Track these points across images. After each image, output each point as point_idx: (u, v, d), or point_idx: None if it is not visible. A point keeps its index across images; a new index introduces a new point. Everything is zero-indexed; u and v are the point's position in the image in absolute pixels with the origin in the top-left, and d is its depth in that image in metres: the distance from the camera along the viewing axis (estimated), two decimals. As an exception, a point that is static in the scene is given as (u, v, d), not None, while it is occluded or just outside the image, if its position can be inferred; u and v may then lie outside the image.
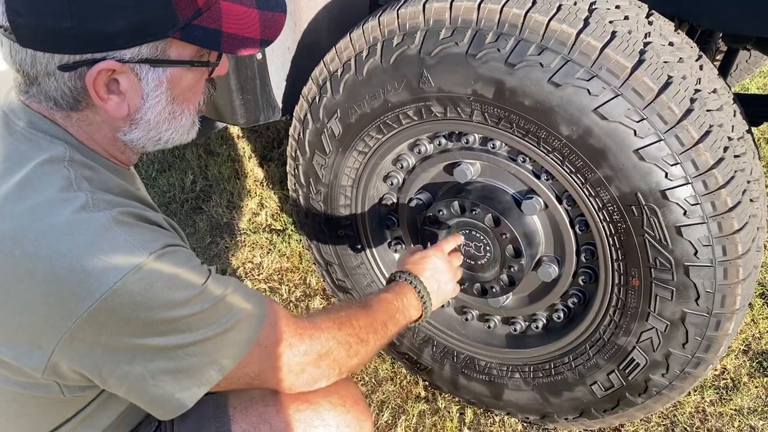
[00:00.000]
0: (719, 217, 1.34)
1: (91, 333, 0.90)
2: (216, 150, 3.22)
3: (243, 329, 1.04)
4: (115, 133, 1.03)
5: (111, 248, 0.90)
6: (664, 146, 1.31)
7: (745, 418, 1.93)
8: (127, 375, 0.96)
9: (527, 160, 1.53)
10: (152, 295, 0.91)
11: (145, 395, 0.99)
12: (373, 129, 1.67)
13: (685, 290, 1.41)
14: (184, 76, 1.02)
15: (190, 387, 1.00)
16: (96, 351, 0.92)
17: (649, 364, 1.54)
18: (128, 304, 0.90)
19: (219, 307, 1.00)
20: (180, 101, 1.04)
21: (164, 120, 1.04)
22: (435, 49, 1.46)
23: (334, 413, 1.21)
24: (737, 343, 2.15)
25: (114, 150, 1.07)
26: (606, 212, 1.43)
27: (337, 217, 1.90)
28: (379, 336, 1.27)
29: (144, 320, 0.92)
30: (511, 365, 1.81)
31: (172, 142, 1.09)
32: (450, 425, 1.94)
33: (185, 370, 0.98)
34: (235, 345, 1.03)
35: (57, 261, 0.88)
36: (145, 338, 0.93)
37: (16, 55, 0.94)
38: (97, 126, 1.02)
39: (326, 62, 1.68)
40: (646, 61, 1.33)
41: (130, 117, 1.01)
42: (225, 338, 1.01)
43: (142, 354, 0.95)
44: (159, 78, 0.99)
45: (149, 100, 1.00)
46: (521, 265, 1.62)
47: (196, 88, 1.07)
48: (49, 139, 0.99)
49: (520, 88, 1.38)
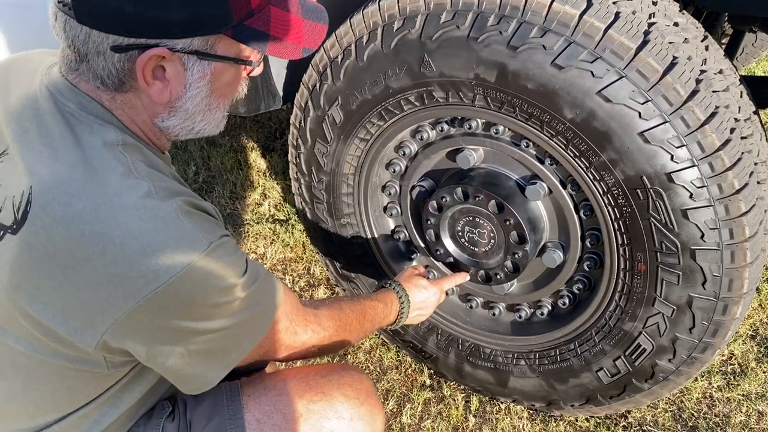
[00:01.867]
0: (726, 199, 1.32)
1: (148, 314, 0.95)
2: (218, 141, 3.21)
3: (266, 315, 1.11)
4: (153, 118, 1.06)
5: (179, 236, 0.95)
6: (669, 128, 1.29)
7: (752, 403, 1.92)
8: (169, 354, 1.01)
9: (531, 144, 1.52)
10: (209, 282, 0.97)
11: (178, 372, 1.05)
12: (374, 116, 1.66)
13: (691, 274, 1.39)
14: (226, 72, 1.06)
15: (216, 367, 1.07)
16: (147, 331, 0.98)
17: (656, 349, 1.52)
18: (189, 290, 0.95)
19: (253, 293, 1.06)
20: (217, 95, 1.08)
21: (201, 111, 1.08)
22: (436, 33, 1.44)
23: (348, 405, 1.23)
24: (745, 328, 2.13)
25: (152, 135, 1.10)
26: (611, 196, 1.41)
27: (340, 205, 1.89)
28: (360, 335, 1.40)
29: (198, 305, 0.98)
30: (517, 352, 1.80)
31: (203, 133, 1.13)
32: (455, 413, 1.94)
33: (216, 351, 1.05)
34: (257, 329, 1.10)
35: (128, 242, 0.92)
36: (194, 322, 0.99)
37: (70, 31, 0.96)
38: (138, 110, 1.05)
39: (326, 48, 1.67)
40: (650, 41, 1.31)
41: (171, 104, 1.05)
42: (252, 323, 1.08)
43: (187, 336, 1.00)
44: (204, 70, 1.02)
45: (190, 90, 1.04)
46: (525, 251, 1.60)
47: (234, 85, 1.11)
48: (99, 123, 1.01)
49: (522, 72, 1.37)
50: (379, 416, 1.28)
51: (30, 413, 1.08)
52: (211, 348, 1.05)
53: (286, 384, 1.23)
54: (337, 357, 2.12)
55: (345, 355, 2.13)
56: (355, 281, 2.02)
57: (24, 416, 1.08)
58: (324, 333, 1.26)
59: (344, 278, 2.05)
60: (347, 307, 1.37)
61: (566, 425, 1.88)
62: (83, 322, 0.96)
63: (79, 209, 0.93)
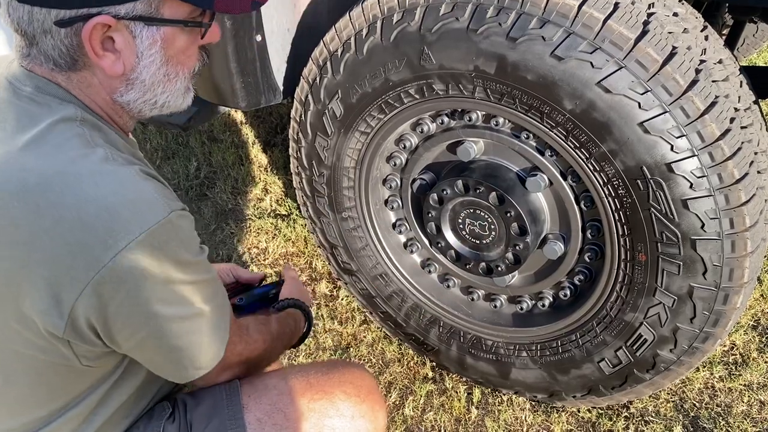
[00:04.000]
0: (726, 189, 1.32)
1: (112, 286, 0.92)
2: (219, 136, 3.22)
3: (226, 314, 1.08)
4: (112, 94, 1.04)
5: (138, 198, 0.93)
6: (669, 118, 1.29)
7: (754, 393, 1.92)
8: (136, 332, 0.98)
9: (531, 136, 1.52)
10: (169, 251, 0.94)
11: (147, 362, 1.04)
12: (374, 109, 1.66)
13: (692, 264, 1.40)
14: (178, 37, 1.03)
15: (188, 368, 1.04)
16: (113, 304, 0.94)
17: (657, 339, 1.53)
18: (150, 258, 0.92)
19: (208, 282, 1.04)
20: (174, 63, 1.05)
21: (159, 82, 1.05)
22: (435, 26, 1.44)
23: (349, 403, 1.22)
24: (746, 318, 2.13)
25: (114, 114, 1.08)
26: (611, 187, 1.41)
27: (341, 199, 1.89)
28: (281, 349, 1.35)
29: (160, 276, 0.94)
30: (518, 344, 1.81)
31: (168, 106, 1.10)
32: (458, 405, 1.94)
33: (184, 348, 1.02)
34: (222, 329, 1.07)
35: (83, 208, 0.90)
36: (160, 300, 0.96)
37: (14, 13, 0.95)
38: (95, 88, 1.03)
39: (326, 42, 1.67)
40: (649, 32, 1.31)
41: (126, 77, 1.02)
42: (218, 319, 1.05)
43: (155, 316, 0.97)
44: (153, 36, 1.00)
45: (144, 59, 1.01)
46: (526, 243, 1.61)
47: (190, 51, 1.08)
48: (58, 101, 1.00)
49: (522, 63, 1.37)
50: (381, 412, 1.26)
51: (13, 411, 1.06)
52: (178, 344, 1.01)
53: (287, 382, 1.22)
54: (339, 351, 2.13)
55: (347, 348, 2.14)
56: (357, 275, 2.02)
57: (7, 415, 1.06)
58: (253, 345, 1.21)
59: (346, 272, 2.06)
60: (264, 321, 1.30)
61: (568, 416, 1.89)
62: (50, 301, 0.92)
63: (33, 182, 0.92)
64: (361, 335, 2.18)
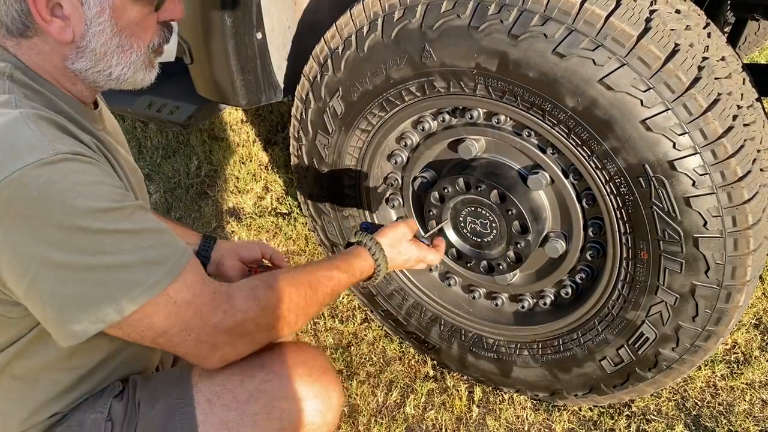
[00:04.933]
0: (729, 186, 1.32)
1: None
2: (220, 135, 3.21)
3: (151, 271, 0.98)
4: (64, 61, 1.06)
5: (17, 139, 0.92)
6: (671, 116, 1.29)
7: (756, 391, 1.92)
8: (21, 279, 0.94)
9: (532, 134, 1.51)
10: (51, 194, 0.90)
11: (38, 310, 0.97)
12: (375, 106, 1.65)
13: (694, 262, 1.39)
14: (129, 8, 1.05)
15: (82, 320, 0.96)
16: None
17: (659, 338, 1.52)
18: (24, 198, 0.90)
19: (128, 236, 0.97)
20: (128, 35, 1.07)
21: (112, 52, 1.06)
22: (437, 23, 1.44)
23: (300, 383, 1.18)
24: (748, 316, 2.13)
25: (65, 81, 1.09)
26: (613, 185, 1.41)
27: (342, 197, 1.89)
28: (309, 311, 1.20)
29: (39, 221, 0.91)
30: (520, 342, 1.80)
31: (125, 79, 1.10)
32: (459, 403, 1.94)
33: (78, 298, 0.94)
34: (139, 286, 0.97)
35: None
36: (40, 244, 0.91)
37: None
38: (46, 55, 1.05)
39: (327, 39, 1.66)
40: (652, 29, 1.30)
41: (76, 44, 1.04)
42: (126, 274, 0.96)
43: (37, 264, 0.92)
44: (101, 4, 1.02)
45: (92, 27, 1.03)
46: (528, 241, 1.60)
47: (145, 24, 1.09)
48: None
49: (524, 60, 1.36)
50: (335, 392, 1.22)
51: None
52: (70, 292, 0.94)
53: (239, 363, 1.15)
54: (340, 349, 2.12)
55: (348, 347, 2.14)
56: (358, 273, 2.02)
57: None
58: (240, 315, 1.08)
59: (347, 270, 2.05)
60: (285, 281, 1.16)
61: (570, 415, 1.89)
62: None
63: None
64: (362, 333, 2.18)
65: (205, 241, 1.54)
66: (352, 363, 2.09)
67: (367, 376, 2.05)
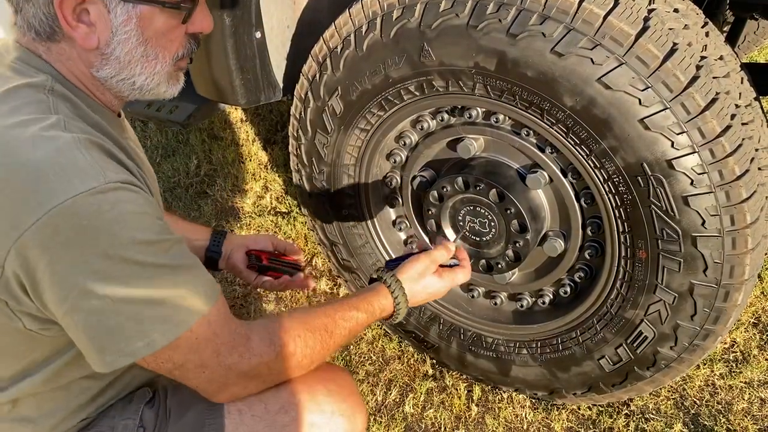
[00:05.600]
0: (727, 185, 1.32)
1: (37, 250, 0.89)
2: (220, 134, 3.22)
3: (182, 308, 0.99)
4: (89, 68, 1.05)
5: (70, 166, 0.91)
6: (669, 115, 1.29)
7: (755, 390, 1.92)
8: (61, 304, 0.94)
9: (531, 133, 1.51)
10: (100, 223, 0.90)
11: (74, 336, 0.98)
12: (374, 106, 1.65)
13: (692, 261, 1.39)
14: (156, 18, 1.04)
15: (114, 352, 0.96)
16: (39, 267, 0.91)
17: (658, 337, 1.52)
18: (74, 227, 0.89)
19: (165, 271, 0.97)
20: (153, 45, 1.06)
21: (136, 61, 1.05)
22: (435, 22, 1.44)
23: (331, 400, 1.20)
24: (747, 315, 2.13)
25: (94, 89, 1.08)
26: (611, 184, 1.41)
27: (341, 196, 1.89)
28: (324, 352, 1.19)
29: (86, 249, 0.91)
30: (519, 341, 1.80)
31: (148, 89, 1.09)
32: (458, 402, 1.94)
33: (112, 331, 0.95)
34: (169, 321, 0.97)
35: (15, 170, 0.90)
36: (83, 273, 0.91)
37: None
38: (74, 62, 1.05)
39: (326, 39, 1.66)
40: (650, 28, 1.30)
41: (101, 51, 1.03)
42: (159, 309, 0.97)
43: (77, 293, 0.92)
44: (128, 13, 1.01)
45: (118, 35, 1.02)
46: (527, 240, 1.60)
47: (172, 36, 1.07)
48: (34, 71, 1.03)
49: (522, 59, 1.36)
50: (360, 415, 1.24)
51: None
52: (106, 323, 0.94)
53: None
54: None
55: (347, 346, 2.14)
56: (357, 272, 2.02)
57: None
58: (255, 360, 1.08)
59: (346, 269, 2.06)
60: (302, 327, 1.15)
61: (569, 414, 1.89)
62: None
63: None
64: (361, 332, 2.18)
65: (216, 235, 1.56)
66: (351, 362, 2.09)
67: (366, 375, 2.05)
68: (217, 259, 1.54)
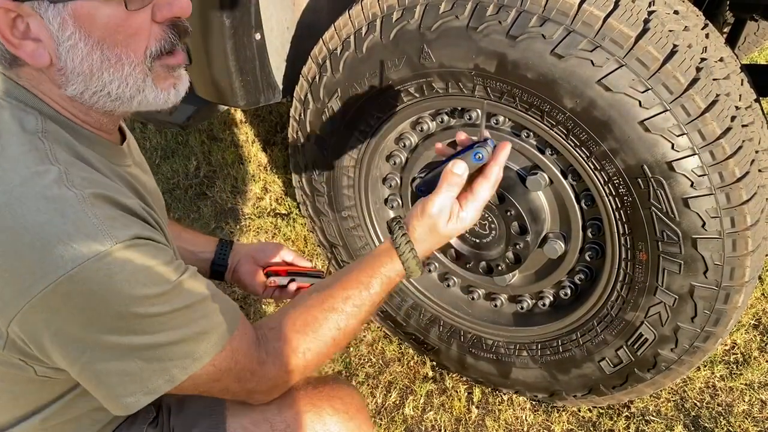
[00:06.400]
0: (727, 188, 1.32)
1: (44, 316, 0.87)
2: (219, 135, 3.21)
3: (202, 342, 0.97)
4: (60, 89, 0.94)
5: (76, 231, 0.85)
6: (669, 117, 1.29)
7: (755, 392, 1.92)
8: (74, 363, 0.92)
9: (531, 134, 1.51)
10: (111, 287, 0.86)
11: (91, 386, 0.96)
12: (374, 107, 1.65)
13: (693, 263, 1.39)
14: (96, 12, 0.89)
15: (135, 393, 0.95)
16: (47, 334, 0.89)
17: (658, 339, 1.52)
18: (84, 293, 0.85)
19: (181, 313, 0.95)
20: (110, 45, 0.91)
21: (98, 69, 0.92)
22: (435, 24, 1.44)
23: (337, 419, 1.18)
24: (747, 317, 2.13)
25: (78, 112, 0.98)
26: (612, 186, 1.41)
27: (341, 198, 1.89)
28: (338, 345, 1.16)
29: (98, 313, 0.87)
30: (519, 343, 1.80)
31: (129, 98, 0.96)
32: (458, 404, 1.94)
33: (132, 374, 0.93)
34: (189, 357, 0.96)
35: (19, 235, 0.84)
36: (97, 333, 0.89)
37: None
38: (46, 85, 0.94)
39: (325, 40, 1.66)
40: (650, 30, 1.30)
41: (56, 66, 0.91)
42: (178, 348, 0.95)
43: (92, 349, 0.90)
44: (61, 15, 0.87)
45: (62, 44, 0.89)
46: (527, 242, 1.60)
47: (131, 30, 0.91)
48: (22, 106, 0.94)
49: (522, 61, 1.36)
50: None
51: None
52: (126, 369, 0.93)
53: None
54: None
55: (347, 348, 2.14)
56: (357, 274, 2.02)
57: None
58: (271, 383, 1.10)
59: (346, 271, 2.05)
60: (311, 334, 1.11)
61: (569, 416, 1.89)
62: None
63: None
64: (360, 334, 2.18)
65: (221, 246, 1.51)
66: (351, 364, 2.09)
67: (366, 377, 2.05)
68: (223, 271, 1.50)
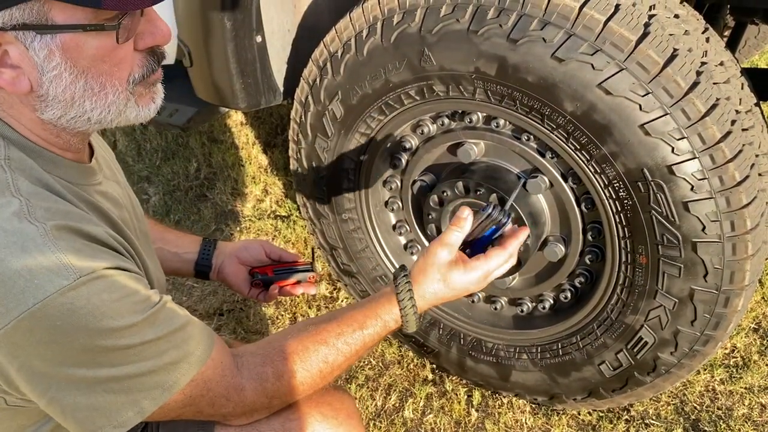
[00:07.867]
0: (727, 191, 1.32)
1: (8, 350, 0.86)
2: (219, 137, 3.22)
3: (172, 372, 0.96)
4: (34, 112, 0.93)
5: (38, 268, 0.84)
6: (670, 120, 1.29)
7: (755, 396, 1.92)
8: (41, 396, 0.91)
9: (531, 138, 1.51)
10: (74, 321, 0.85)
11: (60, 419, 0.94)
12: (374, 110, 1.65)
13: (693, 267, 1.39)
14: (84, 44, 0.88)
15: (104, 426, 0.93)
16: (12, 369, 0.88)
17: (658, 342, 1.52)
18: (47, 328, 0.84)
19: (152, 344, 0.93)
20: (95, 74, 0.91)
21: (80, 96, 0.91)
22: (436, 27, 1.44)
23: (325, 425, 1.17)
24: (747, 321, 2.13)
25: (48, 135, 0.96)
26: (612, 189, 1.41)
27: (341, 200, 1.89)
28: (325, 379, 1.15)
29: (62, 347, 0.86)
30: (519, 346, 1.80)
31: (108, 121, 0.95)
32: (458, 407, 1.94)
33: (100, 408, 0.92)
34: (158, 387, 0.95)
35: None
36: (62, 367, 0.88)
37: None
38: (17, 108, 0.93)
39: (326, 43, 1.66)
40: (650, 33, 1.30)
41: (36, 93, 0.90)
42: (150, 378, 0.94)
43: (58, 383, 0.89)
44: (48, 46, 0.86)
45: (46, 73, 0.88)
46: (527, 245, 1.60)
47: (116, 59, 0.91)
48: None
49: (523, 65, 1.36)
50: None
51: None
52: (94, 403, 0.91)
53: None
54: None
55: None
56: (357, 276, 2.02)
57: None
58: (249, 408, 1.08)
59: (346, 273, 2.05)
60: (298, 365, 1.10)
61: (569, 419, 1.88)
62: None
63: None
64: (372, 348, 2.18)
65: (205, 246, 1.50)
66: (350, 366, 2.09)
67: (366, 379, 2.05)
68: (208, 272, 1.49)
